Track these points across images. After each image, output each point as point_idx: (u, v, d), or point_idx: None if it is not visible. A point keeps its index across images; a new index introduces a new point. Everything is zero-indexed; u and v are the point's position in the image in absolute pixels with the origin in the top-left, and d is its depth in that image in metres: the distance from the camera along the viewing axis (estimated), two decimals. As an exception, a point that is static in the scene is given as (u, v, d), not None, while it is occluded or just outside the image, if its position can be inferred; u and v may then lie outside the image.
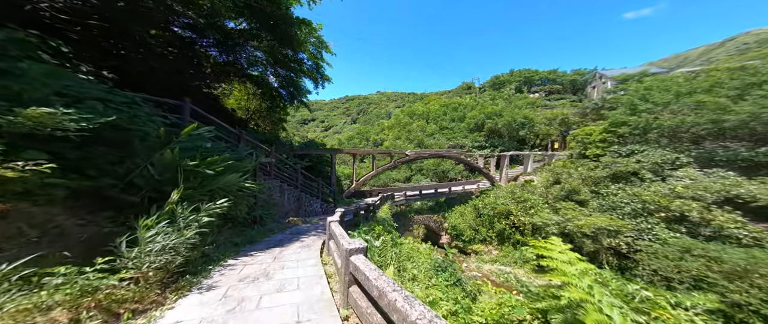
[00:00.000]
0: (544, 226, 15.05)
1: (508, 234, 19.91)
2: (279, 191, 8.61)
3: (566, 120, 32.51)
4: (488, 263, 19.83)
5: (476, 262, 20.40)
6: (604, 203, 15.19)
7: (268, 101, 20.00)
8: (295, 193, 9.62)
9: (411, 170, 32.47)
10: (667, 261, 10.67)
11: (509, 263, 18.77)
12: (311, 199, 10.85)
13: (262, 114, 23.12)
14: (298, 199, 9.73)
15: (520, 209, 18.91)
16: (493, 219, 20.68)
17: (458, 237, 22.17)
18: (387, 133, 47.07)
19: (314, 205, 11.22)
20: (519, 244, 19.54)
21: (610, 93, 29.59)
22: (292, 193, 9.40)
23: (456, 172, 31.14)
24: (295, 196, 9.60)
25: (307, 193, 10.84)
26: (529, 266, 17.78)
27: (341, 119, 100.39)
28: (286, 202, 8.89)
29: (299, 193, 9.75)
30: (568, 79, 62.89)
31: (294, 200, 9.56)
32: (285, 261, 4.42)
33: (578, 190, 16.61)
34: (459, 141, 34.40)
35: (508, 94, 49.37)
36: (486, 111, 35.85)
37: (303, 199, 10.11)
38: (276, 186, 8.51)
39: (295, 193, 9.63)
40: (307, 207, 10.53)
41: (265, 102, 20.33)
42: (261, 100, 20.24)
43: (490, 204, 21.39)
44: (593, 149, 22.68)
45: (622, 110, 20.40)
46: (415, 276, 5.49)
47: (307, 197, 10.48)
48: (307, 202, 10.47)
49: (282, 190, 8.72)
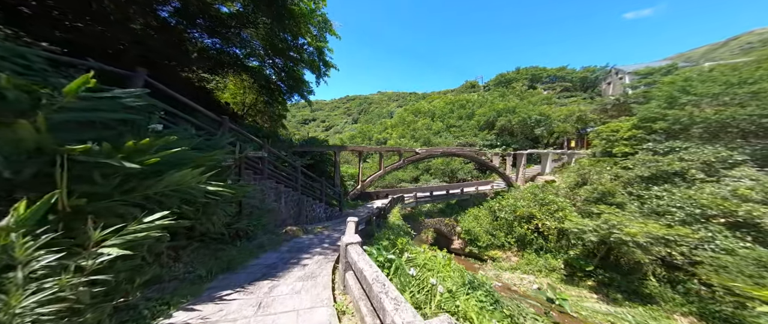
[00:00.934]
0: (578, 232, 13.20)
1: (529, 239, 18.10)
2: (275, 194, 6.86)
3: (583, 117, 30.61)
4: (508, 271, 18.02)
5: (494, 270, 18.59)
6: (648, 207, 13.32)
7: (265, 95, 18.33)
8: (295, 197, 7.87)
9: (418, 170, 30.69)
10: (742, 276, 8.79)
11: (532, 271, 16.95)
12: (313, 202, 9.09)
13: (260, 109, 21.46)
14: (298, 203, 7.98)
15: (544, 213, 17.08)
16: (513, 223, 18.87)
17: (473, 242, 20.36)
18: (390, 132, 45.31)
19: (317, 209, 9.47)
20: (542, 251, 17.73)
21: (633, 87, 27.68)
22: (291, 196, 7.65)
23: (465, 172, 29.32)
24: (294, 199, 7.85)
25: (309, 195, 9.09)
26: (555, 275, 15.96)
27: (342, 119, 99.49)
28: (283, 208, 7.14)
29: (299, 197, 8.00)
30: (578, 76, 60.83)
31: (293, 205, 7.82)
32: (276, 310, 2.68)
33: (613, 192, 14.76)
34: (468, 139, 32.57)
35: (520, 90, 47.46)
36: (497, 108, 33.97)
37: (304, 202, 8.35)
38: (271, 188, 6.77)
39: (295, 196, 7.88)
40: (308, 212, 8.77)
41: (263, 96, 18.67)
42: (258, 93, 18.59)
43: (509, 206, 19.59)
44: (620, 147, 20.79)
45: (656, 104, 18.50)
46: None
47: (309, 200, 8.73)
48: (308, 206, 8.71)
49: (279, 193, 6.98)
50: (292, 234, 6.77)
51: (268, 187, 6.59)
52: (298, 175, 8.23)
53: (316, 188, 10.02)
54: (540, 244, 17.64)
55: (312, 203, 8.97)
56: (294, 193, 7.85)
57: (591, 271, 14.41)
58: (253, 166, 6.47)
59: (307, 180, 9.95)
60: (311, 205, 8.90)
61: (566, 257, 15.87)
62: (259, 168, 6.57)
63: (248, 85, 18.09)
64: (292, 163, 8.20)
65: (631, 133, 20.21)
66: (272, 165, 7.68)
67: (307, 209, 8.68)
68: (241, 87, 18.62)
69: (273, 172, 7.53)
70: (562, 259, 16.14)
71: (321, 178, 10.10)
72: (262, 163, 6.54)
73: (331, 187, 10.89)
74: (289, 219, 7.66)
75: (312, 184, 9.62)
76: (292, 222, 7.82)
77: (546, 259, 16.63)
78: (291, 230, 6.89)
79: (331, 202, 11.41)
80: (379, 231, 8.62)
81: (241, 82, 18.16)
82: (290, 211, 7.69)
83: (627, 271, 13.50)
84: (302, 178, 8.66)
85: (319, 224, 9.30)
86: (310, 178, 9.92)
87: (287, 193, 7.48)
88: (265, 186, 6.54)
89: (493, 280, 17.38)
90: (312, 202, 8.96)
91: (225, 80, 18.24)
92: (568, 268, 15.61)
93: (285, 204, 7.37)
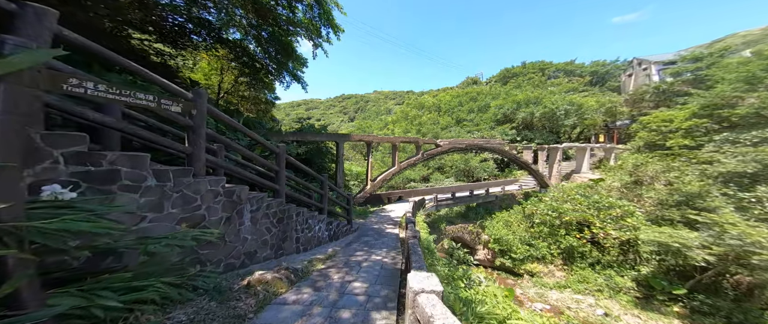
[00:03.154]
0: (667, 246, 9.68)
1: (581, 251, 14.57)
2: (228, 207, 2.99)
3: (613, 109, 27.40)
4: (554, 289, 14.44)
5: (535, 287, 14.97)
6: (759, 213, 9.85)
7: (248, 76, 14.41)
8: (274, 208, 4.06)
9: (428, 168, 27.03)
10: None
11: (590, 291, 13.40)
12: (308, 214, 5.28)
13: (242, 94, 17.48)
14: (280, 219, 4.18)
15: (605, 219, 13.57)
16: (558, 230, 15.37)
17: (505, 253, 16.76)
18: (392, 128, 41.67)
19: (314, 225, 5.68)
20: (599, 266, 14.24)
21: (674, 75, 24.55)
22: (264, 208, 3.84)
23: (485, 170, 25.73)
24: (273, 213, 4.05)
25: (300, 203, 5.29)
26: (624, 298, 12.43)
27: (338, 117, 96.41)
28: (247, 231, 3.35)
29: (284, 207, 4.20)
30: (588, 70, 58.10)
31: (272, 223, 4.04)
32: None
33: (704, 194, 11.31)
34: (484, 134, 29.06)
35: (539, 81, 44.21)
36: (516, 99, 30.53)
37: (292, 217, 4.55)
38: (220, 194, 2.91)
39: (274, 207, 4.06)
40: (300, 232, 4.98)
41: (245, 77, 14.75)
42: (239, 74, 14.67)
43: (550, 210, 16.11)
44: (677, 139, 17.50)
45: (730, 87, 15.20)
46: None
47: (301, 213, 4.91)
48: (300, 221, 4.91)
49: (237, 204, 3.13)
50: (263, 292, 2.99)
51: (206, 192, 2.80)
52: (280, 170, 4.41)
53: (313, 192, 6.20)
54: (595, 258, 14.13)
55: (306, 216, 5.18)
56: (272, 203, 4.05)
57: (678, 294, 10.93)
58: (174, 155, 2.72)
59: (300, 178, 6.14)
60: (304, 219, 5.11)
61: (639, 275, 12.37)
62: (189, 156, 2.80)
63: (226, 63, 14.21)
64: (272, 148, 4.36)
65: (692, 122, 16.93)
66: (225, 156, 3.91)
67: (297, 227, 4.90)
68: (216, 65, 14.72)
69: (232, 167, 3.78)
70: (631, 277, 12.64)
71: (323, 176, 6.27)
72: (195, 137, 2.76)
73: (334, 189, 7.14)
74: (264, 250, 3.88)
75: (306, 186, 5.77)
76: (271, 254, 4.05)
77: (609, 277, 13.10)
78: (260, 281, 3.09)
79: (334, 212, 7.60)
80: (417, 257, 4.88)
81: (217, 60, 14.29)
82: (264, 234, 3.90)
83: (735, 298, 10.06)
84: (288, 174, 4.87)
85: (318, 249, 5.51)
86: (303, 174, 6.14)
87: (257, 202, 3.68)
88: (202, 186, 2.76)
89: (536, 299, 13.76)
90: (306, 214, 5.15)
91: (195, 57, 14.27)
92: (642, 289, 12.11)
93: (251, 223, 3.56)
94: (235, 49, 12.22)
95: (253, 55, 12.83)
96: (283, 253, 4.48)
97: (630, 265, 13.19)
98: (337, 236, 7.14)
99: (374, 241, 7.22)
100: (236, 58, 12.78)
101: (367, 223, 10.52)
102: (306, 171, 5.44)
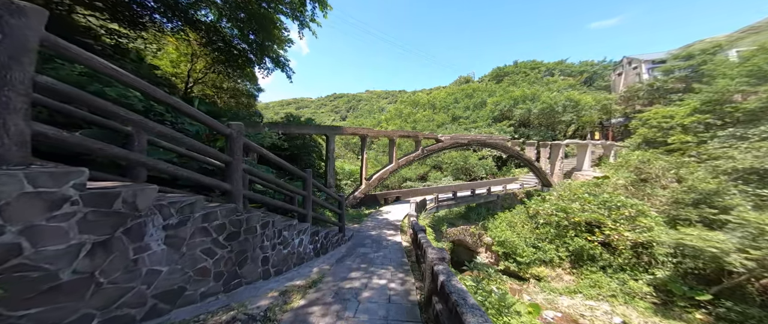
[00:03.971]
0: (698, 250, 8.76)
1: (591, 254, 13.65)
2: (101, 226, 1.35)
3: (608, 106, 27.19)
4: (564, 295, 13.43)
5: (543, 293, 13.91)
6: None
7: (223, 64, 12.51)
8: (221, 220, 2.42)
9: (426, 166, 25.78)
10: None
11: (604, 296, 12.44)
12: (284, 223, 3.65)
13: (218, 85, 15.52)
14: (233, 234, 2.56)
15: (618, 219, 12.67)
16: (566, 232, 14.42)
17: (509, 256, 15.67)
18: (385, 126, 40.24)
19: (294, 238, 4.11)
20: (610, 269, 13.36)
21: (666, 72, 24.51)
22: (199, 220, 2.19)
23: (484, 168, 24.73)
24: (217, 227, 2.40)
25: (273, 208, 3.69)
26: (641, 304, 11.54)
27: (329, 116, 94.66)
28: (154, 263, 1.77)
29: (238, 216, 2.56)
30: (577, 70, 58.98)
31: (217, 241, 2.40)
32: None
33: (722, 191, 10.56)
34: (482, 131, 28.15)
35: (535, 77, 44.02)
36: (514, 95, 29.81)
37: (254, 230, 2.91)
38: (75, 205, 1.26)
39: (220, 217, 2.43)
40: (269, 250, 3.38)
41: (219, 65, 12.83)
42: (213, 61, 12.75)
43: (556, 210, 15.15)
44: (678, 136, 17.06)
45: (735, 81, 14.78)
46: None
47: (272, 222, 3.27)
48: (269, 235, 3.29)
49: (124, 219, 1.48)
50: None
51: (21, 200, 1.20)
52: (233, 162, 2.79)
53: (293, 193, 4.61)
54: (607, 260, 13.23)
55: (280, 227, 3.60)
56: (218, 211, 2.44)
57: (700, 300, 10.09)
58: None
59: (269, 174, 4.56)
60: (277, 231, 3.54)
61: (655, 279, 11.51)
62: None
63: (198, 48, 12.27)
64: (219, 128, 2.73)
65: (694, 118, 16.50)
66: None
67: (265, 243, 3.33)
68: (187, 51, 12.74)
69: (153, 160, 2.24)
70: (646, 280, 11.78)
71: (306, 171, 4.67)
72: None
73: (323, 189, 5.56)
74: (201, 284, 2.32)
75: (281, 185, 4.14)
76: (216, 287, 2.48)
77: (622, 281, 12.19)
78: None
79: (322, 219, 6.03)
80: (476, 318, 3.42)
81: (187, 46, 12.33)
82: (201, 260, 2.30)
83: (762, 304, 9.28)
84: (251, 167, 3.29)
85: (299, 271, 3.95)
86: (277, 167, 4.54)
87: (181, 212, 2.07)
88: (8, 187, 1.13)
89: (546, 306, 12.68)
90: (279, 224, 3.58)
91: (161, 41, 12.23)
92: (661, 295, 11.24)
93: (170, 246, 1.94)
94: (208, 32, 10.39)
95: (228, 40, 11.02)
96: (240, 282, 2.92)
97: (643, 268, 12.36)
98: (326, 248, 5.59)
99: (373, 254, 5.72)
100: (210, 42, 10.92)
101: (363, 228, 8.99)
102: (281, 164, 3.87)
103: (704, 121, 16.37)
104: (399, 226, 9.68)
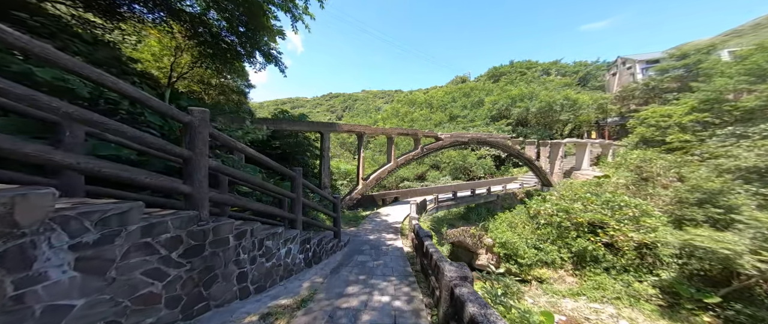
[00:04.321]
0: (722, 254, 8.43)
1: (594, 255, 13.32)
2: None
3: (604, 105, 27.20)
4: (567, 297, 13.07)
5: (545, 295, 13.54)
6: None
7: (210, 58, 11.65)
8: (173, 232, 1.77)
9: (424, 165, 25.28)
10: None
11: (608, 299, 12.11)
12: (265, 232, 3.00)
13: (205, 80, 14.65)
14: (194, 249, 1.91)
15: (622, 219, 12.36)
16: (568, 232, 14.08)
17: (510, 258, 15.27)
18: (382, 125, 39.69)
19: (279, 249, 3.48)
20: (614, 270, 13.05)
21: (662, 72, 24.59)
22: (136, 235, 1.53)
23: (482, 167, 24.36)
24: (168, 241, 1.76)
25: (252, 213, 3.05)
26: (647, 306, 11.22)
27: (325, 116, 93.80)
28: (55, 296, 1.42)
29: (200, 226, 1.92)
30: (571, 70, 59.49)
31: (170, 259, 1.75)
32: None
33: (726, 190, 10.32)
34: (480, 130, 27.84)
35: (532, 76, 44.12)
36: (511, 94, 29.59)
37: (225, 242, 2.24)
38: None
39: (172, 229, 1.77)
40: (247, 265, 2.72)
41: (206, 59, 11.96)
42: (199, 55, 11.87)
43: (557, 209, 14.81)
44: (676, 134, 16.96)
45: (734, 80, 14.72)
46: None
47: (249, 231, 2.60)
48: (247, 247, 2.63)
49: None
50: None
51: None
52: (194, 158, 2.15)
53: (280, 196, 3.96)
54: (610, 262, 12.92)
55: (260, 236, 2.96)
56: (168, 222, 1.81)
57: (708, 303, 9.81)
58: None
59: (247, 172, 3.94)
60: (257, 241, 2.90)
61: (660, 281, 11.21)
62: None
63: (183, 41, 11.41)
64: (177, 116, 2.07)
65: (693, 117, 16.41)
66: None
67: (241, 257, 2.68)
68: (171, 44, 11.87)
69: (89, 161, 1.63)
70: (651, 282, 11.48)
71: (295, 170, 4.03)
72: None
73: (316, 190, 4.93)
74: (147, 314, 1.67)
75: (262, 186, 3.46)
76: (173, 316, 1.84)
77: (627, 283, 11.88)
78: None
79: (314, 223, 5.43)
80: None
81: (170, 38, 11.47)
82: (143, 285, 1.70)
83: None
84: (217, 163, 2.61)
85: (285, 286, 3.34)
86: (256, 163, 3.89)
87: (103, 224, 1.47)
88: None
89: (548, 308, 12.29)
90: (260, 233, 2.94)
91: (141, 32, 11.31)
92: (667, 297, 10.95)
93: (84, 273, 1.33)
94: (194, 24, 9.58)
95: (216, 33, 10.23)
96: (207, 306, 2.30)
97: (647, 270, 12.08)
98: (320, 257, 4.98)
99: (373, 263, 5.13)
100: (195, 35, 10.10)
101: (360, 232, 8.39)
102: (261, 161, 3.25)
103: (702, 120, 16.29)
104: (399, 229, 9.11)
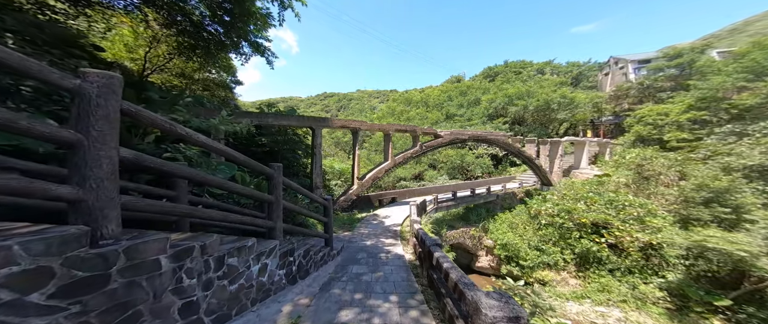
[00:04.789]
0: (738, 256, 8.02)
1: (597, 256, 12.91)
2: None
3: (599, 104, 27.21)
4: (572, 300, 12.61)
5: (550, 298, 13.10)
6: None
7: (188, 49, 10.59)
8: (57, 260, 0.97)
9: (421, 164, 24.64)
10: None
11: (614, 301, 11.69)
12: (228, 246, 2.14)
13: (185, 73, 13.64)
14: (93, 283, 1.15)
15: (626, 219, 11.97)
16: (570, 233, 13.65)
17: (511, 259, 14.76)
18: (379, 124, 38.91)
19: (249, 267, 2.64)
20: (619, 272, 12.67)
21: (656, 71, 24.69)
22: None
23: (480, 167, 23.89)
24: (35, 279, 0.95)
25: (205, 220, 2.19)
26: (654, 309, 10.84)
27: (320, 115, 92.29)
28: None
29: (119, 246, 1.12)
30: (564, 70, 60.08)
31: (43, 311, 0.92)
32: None
33: (733, 189, 10.02)
34: (477, 129, 27.41)
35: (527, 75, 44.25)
36: (508, 93, 29.31)
37: (144, 266, 1.41)
38: None
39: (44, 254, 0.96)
40: (197, 291, 1.88)
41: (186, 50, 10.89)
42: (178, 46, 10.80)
43: (559, 209, 14.38)
44: (674, 133, 16.84)
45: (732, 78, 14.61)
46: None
47: (197, 247, 1.75)
48: (196, 269, 1.79)
49: None
50: None
51: None
52: (88, 144, 1.31)
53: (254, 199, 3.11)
54: (614, 263, 12.53)
55: (221, 252, 2.13)
56: (29, 248, 0.96)
57: (718, 305, 9.45)
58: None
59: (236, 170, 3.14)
60: (214, 259, 2.07)
61: (666, 283, 10.84)
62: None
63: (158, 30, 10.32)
64: (56, 82, 1.16)
65: (691, 115, 16.30)
66: None
67: (185, 283, 1.86)
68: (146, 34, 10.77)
69: None
70: (658, 284, 11.10)
71: (274, 167, 3.19)
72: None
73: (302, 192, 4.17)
74: None
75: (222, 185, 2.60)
76: None
77: (633, 285, 11.47)
78: None
79: (300, 230, 4.62)
80: None
81: (145, 28, 10.38)
82: None
83: (783, 308, 8.71)
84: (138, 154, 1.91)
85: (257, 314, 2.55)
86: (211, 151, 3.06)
87: None
88: None
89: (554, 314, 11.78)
90: (217, 248, 2.11)
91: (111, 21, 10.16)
92: (675, 299, 10.57)
93: None
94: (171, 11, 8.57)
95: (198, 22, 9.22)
96: None
97: (653, 271, 11.71)
98: (307, 270, 4.19)
99: (371, 276, 4.38)
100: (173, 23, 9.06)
101: (356, 236, 7.61)
102: (224, 151, 2.44)
103: (700, 118, 16.18)
104: (398, 233, 8.37)
